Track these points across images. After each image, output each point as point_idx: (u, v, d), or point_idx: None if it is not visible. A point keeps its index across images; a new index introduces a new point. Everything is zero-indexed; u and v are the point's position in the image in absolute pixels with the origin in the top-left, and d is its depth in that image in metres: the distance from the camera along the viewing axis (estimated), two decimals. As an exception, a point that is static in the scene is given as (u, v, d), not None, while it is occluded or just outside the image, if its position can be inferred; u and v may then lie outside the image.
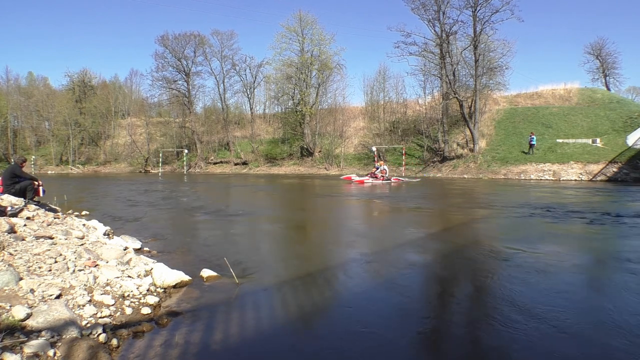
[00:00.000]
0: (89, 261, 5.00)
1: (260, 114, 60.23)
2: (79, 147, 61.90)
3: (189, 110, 55.80)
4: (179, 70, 54.83)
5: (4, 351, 2.68)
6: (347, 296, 4.70)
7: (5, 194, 9.02)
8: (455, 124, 39.63)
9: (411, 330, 3.72)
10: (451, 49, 34.66)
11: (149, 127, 59.20)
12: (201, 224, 10.10)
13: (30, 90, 68.27)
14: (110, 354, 3.08)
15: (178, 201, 15.72)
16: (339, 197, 17.10)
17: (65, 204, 11.85)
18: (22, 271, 4.31)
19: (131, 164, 56.36)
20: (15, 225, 6.36)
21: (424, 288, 5.00)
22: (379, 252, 6.99)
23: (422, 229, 9.26)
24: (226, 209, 12.97)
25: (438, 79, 39.42)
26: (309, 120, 47.56)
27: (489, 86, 37.26)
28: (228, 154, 53.00)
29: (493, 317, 3.92)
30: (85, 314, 3.63)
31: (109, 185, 26.69)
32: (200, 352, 3.28)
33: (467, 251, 6.92)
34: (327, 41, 47.39)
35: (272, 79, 52.28)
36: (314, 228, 10.02)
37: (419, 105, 44.83)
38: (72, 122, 60.00)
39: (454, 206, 13.43)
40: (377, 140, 42.80)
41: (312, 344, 3.50)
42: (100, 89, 68.28)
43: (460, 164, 33.08)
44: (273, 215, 11.94)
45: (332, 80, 49.16)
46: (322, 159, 45.10)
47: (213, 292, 4.69)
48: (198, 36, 53.68)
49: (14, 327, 3.06)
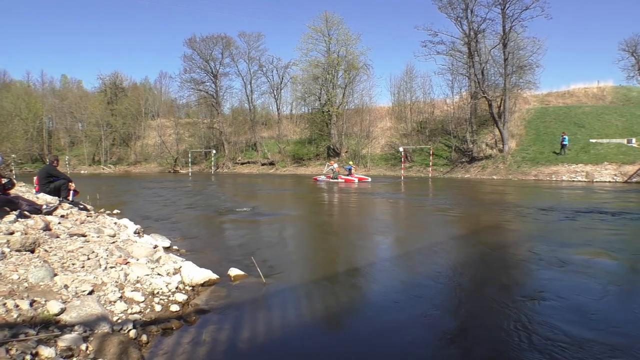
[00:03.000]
0: (120, 259, 5.10)
1: (287, 114, 60.56)
2: (110, 147, 63.52)
3: (216, 111, 56.54)
4: (207, 71, 55.62)
5: (39, 344, 2.76)
6: (374, 297, 4.66)
7: (40, 193, 9.31)
8: (484, 124, 38.94)
9: (438, 335, 3.65)
10: (479, 47, 34.04)
11: (177, 127, 60.24)
12: (229, 223, 10.20)
13: (64, 93, 70.55)
14: (140, 350, 3.13)
15: (206, 201, 15.92)
16: (365, 197, 17.01)
17: (97, 203, 12.14)
18: (56, 267, 4.44)
19: (160, 164, 57.49)
20: (50, 223, 6.55)
21: (451, 292, 4.90)
22: (406, 253, 6.93)
23: (450, 230, 9.13)
24: (253, 209, 13.07)
25: (466, 78, 38.82)
26: (335, 120, 47.53)
27: (518, 85, 36.43)
28: (255, 155, 53.43)
29: (527, 328, 3.83)
30: (116, 310, 3.70)
31: (139, 184, 27.23)
32: (228, 350, 3.30)
33: (498, 254, 6.79)
34: (354, 41, 47.32)
35: (298, 80, 52.51)
36: (340, 228, 10.00)
37: (446, 105, 44.21)
38: (104, 123, 61.66)
39: (483, 207, 13.20)
40: (404, 140, 42.43)
41: (338, 345, 3.49)
42: (130, 91, 69.92)
43: (489, 165, 32.48)
44: (299, 215, 11.97)
45: (358, 80, 49.04)
46: (348, 160, 45.00)
47: (240, 291, 4.73)
48: (225, 38, 54.41)
49: (48, 321, 3.15)
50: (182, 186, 25.12)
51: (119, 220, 8.70)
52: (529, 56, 34.35)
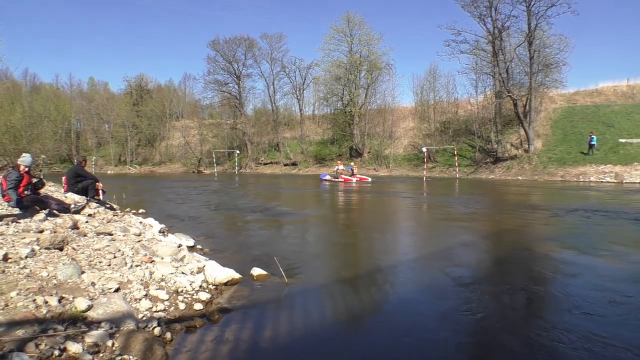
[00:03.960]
0: (145, 257, 5.19)
1: (310, 115, 60.57)
2: (136, 148, 64.63)
3: (239, 112, 56.98)
4: (230, 73, 56.10)
5: (67, 340, 2.82)
6: (396, 298, 4.63)
7: (69, 192, 9.54)
8: (509, 124, 38.22)
9: (461, 337, 3.61)
10: (504, 45, 33.42)
11: (201, 128, 60.89)
12: (252, 223, 10.26)
13: (91, 95, 72.19)
14: (164, 347, 3.18)
15: (229, 201, 16.06)
16: (388, 198, 16.92)
17: (123, 202, 12.36)
18: (84, 265, 4.53)
19: (185, 165, 58.23)
20: (78, 222, 6.71)
21: (476, 294, 4.83)
22: (430, 254, 6.86)
23: (475, 232, 9.00)
24: (276, 209, 13.12)
25: (490, 77, 38.13)
26: (358, 120, 47.37)
27: (544, 84, 35.61)
28: (278, 155, 53.63)
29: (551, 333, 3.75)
30: (142, 307, 3.76)
31: (164, 185, 27.64)
32: (250, 349, 3.32)
33: (524, 257, 6.67)
34: (376, 41, 47.01)
35: (321, 80, 52.51)
36: (362, 229, 9.96)
37: (470, 105, 43.53)
38: (130, 124, 62.80)
39: (510, 209, 12.98)
40: (427, 140, 41.97)
41: (361, 346, 3.47)
42: (155, 93, 70.95)
43: (514, 165, 31.88)
44: (321, 216, 11.97)
45: (381, 80, 48.67)
46: (371, 160, 44.77)
47: (263, 291, 4.75)
48: (248, 39, 54.75)
49: (76, 318, 3.22)
50: (206, 186, 25.40)
51: (144, 219, 8.85)
52: (556, 54, 33.53)
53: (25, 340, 2.68)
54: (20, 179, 7.02)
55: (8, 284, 3.56)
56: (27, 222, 5.99)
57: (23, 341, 2.67)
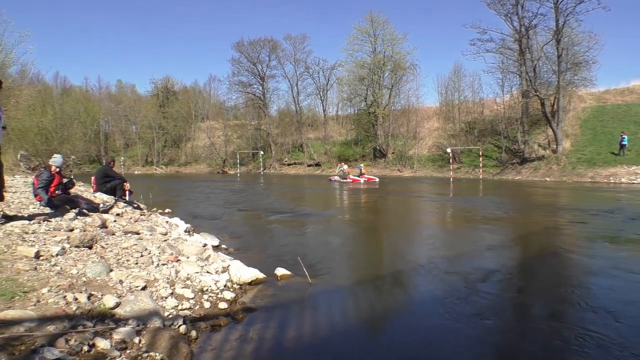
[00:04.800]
0: (171, 256, 5.26)
1: (333, 115, 60.53)
2: (162, 149, 65.73)
3: (264, 112, 57.38)
4: (254, 74, 56.55)
5: (96, 336, 2.88)
6: (420, 301, 4.58)
7: (98, 192, 9.75)
8: (536, 124, 37.41)
9: (485, 341, 3.55)
10: (531, 44, 32.72)
11: (226, 129, 61.54)
12: (275, 223, 10.31)
13: (119, 97, 73.77)
14: (189, 345, 3.21)
15: (253, 201, 16.18)
16: (411, 198, 16.79)
17: (150, 202, 12.57)
18: (112, 263, 4.63)
19: (210, 165, 58.92)
20: (107, 221, 6.85)
21: (501, 297, 4.75)
22: (454, 256, 6.77)
23: (502, 234, 8.84)
24: (299, 209, 13.16)
25: (517, 76, 37.35)
26: (381, 121, 47.11)
27: (573, 82, 34.71)
28: (301, 155, 53.76)
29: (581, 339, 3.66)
30: (168, 305, 3.81)
31: (190, 185, 28.02)
32: (274, 348, 3.34)
33: (552, 262, 6.53)
34: (399, 41, 46.64)
35: (344, 81, 52.41)
36: (386, 230, 9.90)
37: (496, 105, 42.78)
38: (156, 125, 63.92)
39: (539, 210, 12.72)
40: (452, 141, 41.44)
41: (383, 347, 3.45)
42: (181, 94, 72.03)
43: (542, 166, 31.19)
44: (345, 216, 11.94)
45: (405, 80, 48.25)
46: (395, 161, 44.46)
47: (287, 291, 4.77)
48: (272, 41, 55.12)
49: (104, 315, 3.28)
50: (230, 187, 25.65)
51: (170, 219, 8.98)
52: (585, 52, 32.61)
53: (56, 335, 2.75)
54: (51, 179, 7.21)
55: (40, 280, 3.65)
56: (58, 221, 6.15)
57: (54, 336, 2.73)
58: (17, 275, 3.71)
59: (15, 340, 2.59)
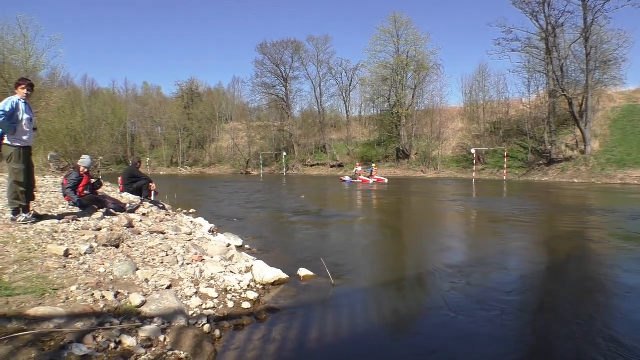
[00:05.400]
0: (195, 256, 5.32)
1: (356, 116, 60.50)
2: (187, 150, 66.74)
3: (287, 114, 57.73)
4: (277, 76, 57.00)
5: (123, 333, 2.93)
6: (444, 303, 4.50)
7: (124, 192, 9.94)
8: (564, 124, 36.62)
9: (513, 345, 3.47)
10: (558, 42, 32.10)
11: (249, 131, 62.12)
12: (298, 224, 10.34)
13: (145, 99, 75.27)
14: (213, 344, 3.23)
15: (276, 202, 16.26)
16: (435, 199, 16.63)
17: (175, 202, 12.74)
18: (138, 262, 4.70)
19: (233, 166, 59.55)
20: (133, 221, 6.97)
21: (528, 303, 4.65)
22: (479, 259, 6.67)
23: (527, 238, 8.68)
24: (322, 210, 13.16)
25: (544, 75, 36.70)
26: (405, 122, 46.86)
27: (602, 81, 33.87)
28: (324, 156, 53.85)
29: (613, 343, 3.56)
30: (192, 304, 3.85)
31: (214, 185, 28.32)
32: (297, 349, 3.33)
33: (582, 267, 6.38)
34: (423, 41, 46.41)
35: (367, 82, 52.41)
36: (409, 231, 9.83)
37: (522, 105, 42.09)
38: (181, 127, 64.98)
39: (566, 212, 12.44)
40: (476, 142, 40.93)
41: (406, 349, 3.42)
42: (205, 96, 73.08)
43: (570, 167, 30.53)
44: (367, 217, 11.90)
45: (428, 80, 48.05)
46: (418, 162, 44.15)
47: (309, 291, 4.77)
48: (295, 42, 55.52)
49: (131, 312, 3.34)
50: (253, 187, 25.84)
51: (194, 219, 9.09)
52: (614, 50, 31.81)
53: (84, 332, 2.81)
54: (80, 179, 7.38)
55: (69, 278, 3.74)
56: (86, 220, 6.29)
57: (82, 333, 2.79)
58: (47, 272, 3.80)
59: (45, 336, 2.66)
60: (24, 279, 3.57)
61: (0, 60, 30.30)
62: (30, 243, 4.61)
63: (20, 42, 30.84)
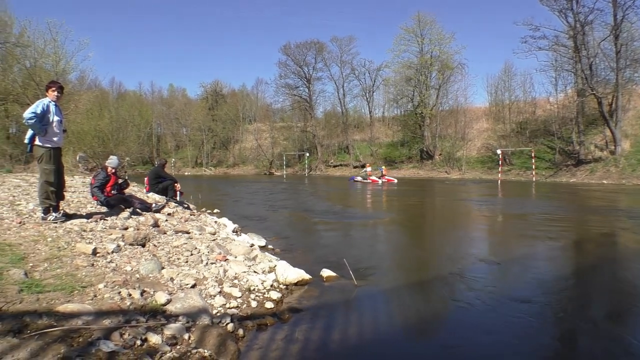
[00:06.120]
0: (219, 255, 5.37)
1: (379, 117, 60.22)
2: (211, 150, 67.52)
3: (310, 114, 57.84)
4: (301, 76, 57.20)
5: (148, 331, 2.97)
6: (468, 306, 4.44)
7: (150, 192, 10.10)
8: (593, 124, 35.67)
9: (538, 345, 3.40)
10: (587, 40, 31.29)
11: (273, 131, 62.47)
12: (321, 225, 10.34)
13: (170, 101, 76.47)
14: (236, 343, 3.25)
15: (299, 202, 16.30)
16: (459, 201, 16.42)
17: (199, 202, 12.89)
18: (163, 261, 4.78)
19: (257, 167, 59.96)
20: (159, 220, 7.08)
21: (554, 304, 4.54)
22: (504, 260, 6.55)
23: (556, 240, 8.46)
24: (345, 211, 13.14)
25: (572, 74, 35.81)
26: (428, 122, 46.43)
27: (633, 80, 32.84)
28: (347, 157, 53.77)
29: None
30: (216, 303, 3.89)
31: (237, 186, 28.58)
32: (319, 349, 3.33)
33: (612, 270, 6.21)
34: (447, 40, 45.88)
35: (391, 82, 52.17)
36: (432, 233, 9.73)
37: (549, 104, 41.15)
38: (206, 128, 65.80)
39: (595, 214, 12.13)
40: (502, 142, 40.23)
41: (430, 350, 3.39)
42: (230, 98, 73.81)
43: (599, 168, 29.72)
44: (391, 218, 11.82)
45: (453, 80, 47.45)
46: (442, 162, 43.65)
47: (332, 292, 4.76)
48: (318, 43, 55.62)
49: (156, 311, 3.39)
50: (276, 188, 25.96)
51: (218, 219, 9.18)
52: (646, 47, 30.88)
53: (111, 329, 2.86)
54: (107, 179, 7.53)
55: (97, 276, 3.82)
56: (113, 220, 6.41)
57: (109, 330, 2.84)
58: (76, 270, 3.89)
59: (74, 333, 2.71)
60: (54, 277, 3.66)
61: (32, 64, 31.21)
62: (59, 241, 4.73)
63: (51, 46, 31.74)
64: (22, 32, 31.69)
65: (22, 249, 4.34)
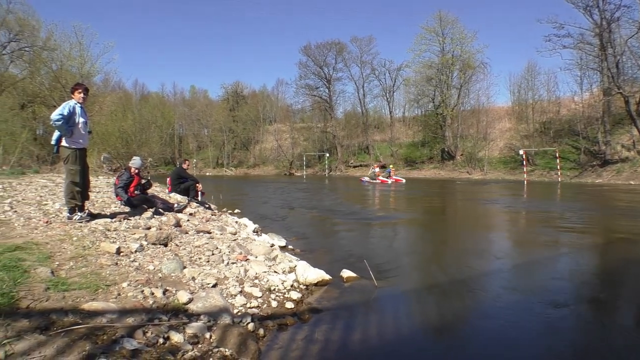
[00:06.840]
0: (240, 255, 5.41)
1: (400, 117, 59.86)
2: (232, 151, 68.11)
3: (330, 115, 57.85)
4: (321, 77, 57.24)
5: (171, 330, 3.01)
6: (489, 308, 4.37)
7: (172, 193, 10.24)
8: (619, 123, 34.78)
9: (557, 354, 3.32)
10: (613, 38, 30.52)
11: (293, 132, 62.73)
12: (341, 225, 10.33)
13: (192, 102, 77.49)
14: (257, 342, 3.27)
15: (319, 203, 16.32)
16: (480, 201, 16.21)
17: (220, 203, 13.01)
18: (185, 261, 4.83)
19: (277, 167, 60.21)
20: (180, 220, 7.17)
21: (577, 308, 4.43)
22: (525, 263, 6.44)
23: (581, 243, 8.27)
24: (364, 212, 13.10)
25: (597, 73, 34.98)
26: (450, 122, 45.93)
27: (662, 78, 32.00)
28: (367, 157, 53.59)
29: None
30: (237, 303, 3.92)
31: (258, 186, 28.75)
32: (339, 350, 3.33)
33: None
34: (469, 39, 45.31)
35: (411, 82, 51.77)
36: (453, 234, 9.62)
37: (574, 103, 40.27)
38: (227, 128, 66.43)
39: (623, 216, 11.84)
40: (525, 142, 39.53)
41: (449, 354, 3.34)
42: (250, 98, 74.38)
43: (626, 169, 28.99)
44: (411, 219, 11.75)
45: (474, 79, 46.85)
46: (464, 163, 43.10)
47: (352, 293, 4.75)
48: (338, 44, 55.62)
49: (178, 309, 3.43)
50: (297, 188, 26.03)
51: (239, 219, 9.25)
52: (676, 45, 29.99)
53: (134, 327, 2.91)
54: (131, 179, 7.65)
55: (120, 275, 3.89)
56: (136, 220, 6.51)
57: (132, 328, 2.89)
58: (101, 269, 3.96)
59: (98, 330, 2.77)
60: (79, 275, 3.73)
61: (58, 66, 31.97)
62: (84, 241, 4.82)
63: (76, 49, 32.53)
64: (48, 35, 32.58)
65: (48, 247, 4.44)
